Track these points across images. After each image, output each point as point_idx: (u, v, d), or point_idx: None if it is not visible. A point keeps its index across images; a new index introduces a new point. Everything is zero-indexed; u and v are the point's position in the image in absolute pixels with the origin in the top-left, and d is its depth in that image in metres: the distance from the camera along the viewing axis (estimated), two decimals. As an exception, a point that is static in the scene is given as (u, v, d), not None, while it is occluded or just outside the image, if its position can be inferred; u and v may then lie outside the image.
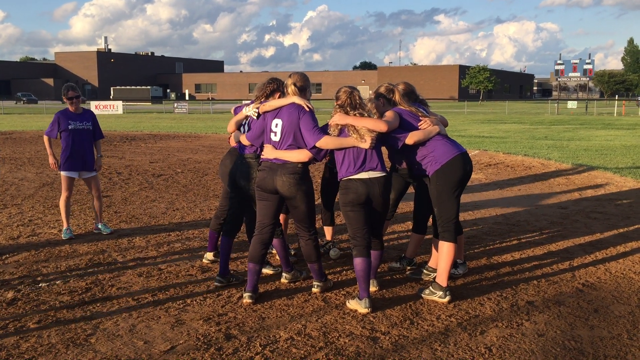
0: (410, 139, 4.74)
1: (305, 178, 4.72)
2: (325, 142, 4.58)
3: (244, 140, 5.06)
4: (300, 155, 4.64)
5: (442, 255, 4.81)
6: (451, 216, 4.82)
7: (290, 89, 4.78)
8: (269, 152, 4.71)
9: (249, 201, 5.18)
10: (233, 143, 5.49)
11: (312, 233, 4.86)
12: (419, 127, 4.82)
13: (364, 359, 3.81)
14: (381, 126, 4.58)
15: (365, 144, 4.54)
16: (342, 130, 4.63)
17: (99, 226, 7.12)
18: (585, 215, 8.07)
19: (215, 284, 5.16)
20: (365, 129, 4.57)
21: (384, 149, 4.78)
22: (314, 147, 4.60)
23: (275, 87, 5.02)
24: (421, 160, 4.85)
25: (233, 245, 5.41)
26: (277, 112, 4.74)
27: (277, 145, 4.70)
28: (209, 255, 5.92)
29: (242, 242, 6.40)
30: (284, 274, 5.31)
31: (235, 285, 5.19)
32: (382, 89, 5.09)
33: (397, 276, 5.49)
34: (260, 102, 4.98)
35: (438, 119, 5.04)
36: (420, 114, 4.92)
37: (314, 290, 5.00)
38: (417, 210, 5.47)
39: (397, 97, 5.01)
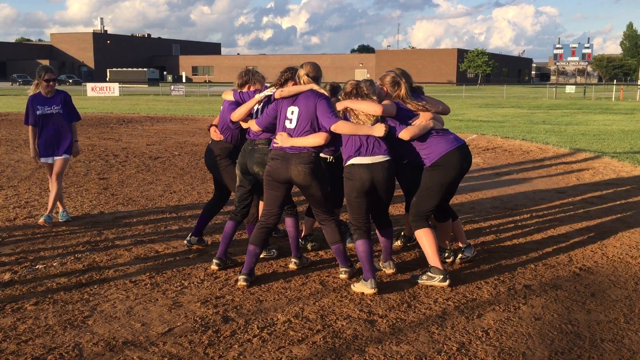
0: (406, 134, 4.68)
1: (320, 166, 4.67)
2: (340, 127, 4.52)
3: (254, 126, 4.95)
4: (317, 139, 4.56)
5: (424, 242, 4.77)
6: (427, 209, 4.82)
7: (304, 79, 4.73)
8: (284, 140, 4.60)
9: (261, 187, 5.11)
10: (216, 137, 5.37)
11: (332, 214, 4.79)
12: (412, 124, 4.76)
13: (362, 341, 3.82)
14: (377, 109, 4.55)
15: (379, 132, 4.49)
16: (344, 116, 4.62)
17: (60, 214, 6.77)
18: (583, 200, 8.08)
19: (213, 267, 5.16)
20: (364, 114, 4.56)
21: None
22: (329, 131, 4.56)
23: (289, 75, 4.92)
24: (417, 152, 4.81)
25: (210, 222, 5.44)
26: (293, 100, 4.68)
27: (292, 133, 4.62)
28: (193, 240, 5.80)
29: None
30: (293, 260, 5.21)
31: (231, 267, 5.19)
32: (387, 79, 4.95)
33: (396, 260, 5.49)
34: (265, 87, 4.95)
35: (436, 113, 4.95)
36: (419, 107, 4.82)
37: (342, 276, 4.90)
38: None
39: (402, 92, 4.87)
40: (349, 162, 4.61)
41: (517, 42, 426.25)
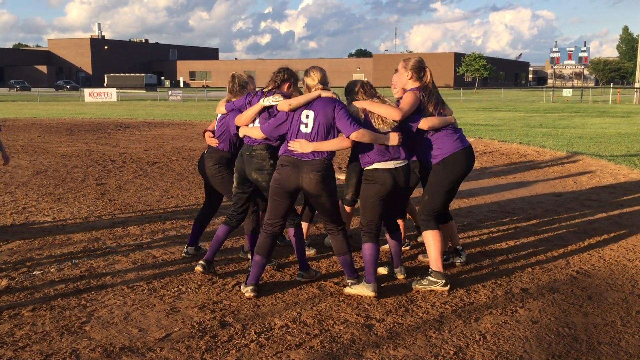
0: (425, 123, 4.66)
1: (331, 174, 4.55)
2: (362, 135, 4.39)
3: (257, 134, 4.76)
4: (343, 143, 4.44)
5: (430, 244, 4.77)
6: (437, 208, 4.82)
7: (317, 88, 4.57)
8: (304, 146, 4.43)
9: (260, 193, 5.03)
10: (213, 142, 5.26)
11: (341, 224, 4.66)
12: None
13: (359, 346, 3.82)
14: (394, 114, 4.47)
15: (394, 142, 4.45)
16: (365, 117, 4.55)
17: None
18: (580, 203, 8.09)
19: (197, 268, 5.01)
20: (381, 117, 4.49)
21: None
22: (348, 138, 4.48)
23: (285, 76, 4.80)
24: (427, 148, 4.80)
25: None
26: (306, 105, 4.54)
27: (308, 138, 4.46)
28: (190, 250, 5.66)
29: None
30: (300, 273, 5.01)
31: (216, 273, 5.12)
32: (412, 63, 4.80)
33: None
34: (270, 92, 4.76)
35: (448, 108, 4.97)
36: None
37: (347, 290, 4.69)
38: None
39: (428, 78, 4.75)
40: (372, 166, 4.54)
41: (514, 46, 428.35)
